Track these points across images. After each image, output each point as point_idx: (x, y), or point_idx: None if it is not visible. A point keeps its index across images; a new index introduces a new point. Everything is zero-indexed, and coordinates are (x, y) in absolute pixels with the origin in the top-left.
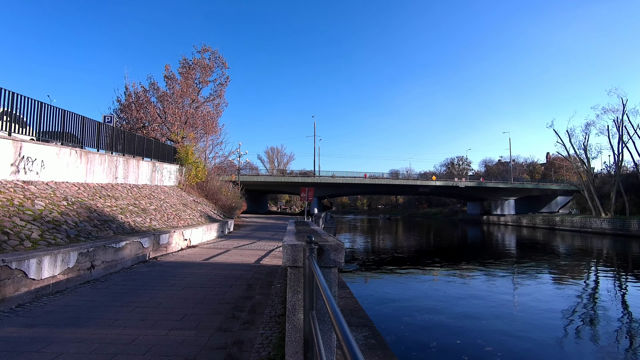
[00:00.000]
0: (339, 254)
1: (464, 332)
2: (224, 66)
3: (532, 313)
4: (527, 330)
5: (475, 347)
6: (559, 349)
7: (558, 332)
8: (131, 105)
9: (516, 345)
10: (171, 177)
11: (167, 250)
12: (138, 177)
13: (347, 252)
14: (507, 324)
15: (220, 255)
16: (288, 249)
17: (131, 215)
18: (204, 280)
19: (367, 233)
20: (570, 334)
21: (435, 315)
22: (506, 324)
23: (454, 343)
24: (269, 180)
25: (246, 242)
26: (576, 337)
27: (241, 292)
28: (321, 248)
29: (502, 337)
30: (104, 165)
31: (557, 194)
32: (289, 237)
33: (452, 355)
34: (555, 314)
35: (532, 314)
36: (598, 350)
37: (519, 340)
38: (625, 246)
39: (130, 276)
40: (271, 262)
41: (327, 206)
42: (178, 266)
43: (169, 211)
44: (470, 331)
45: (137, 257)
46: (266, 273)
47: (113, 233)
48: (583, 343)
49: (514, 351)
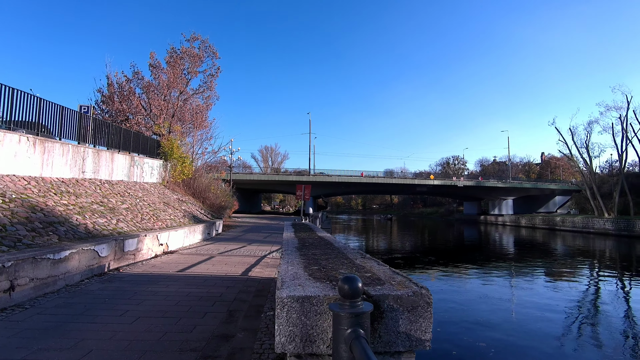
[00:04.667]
0: (419, 320)
1: (467, 334)
2: (215, 56)
3: (548, 324)
4: (533, 336)
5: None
6: (559, 350)
7: (559, 334)
8: (113, 96)
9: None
10: (153, 173)
11: (136, 259)
12: (112, 172)
13: None
14: (508, 329)
15: (200, 265)
16: (292, 311)
17: (93, 215)
18: (170, 304)
19: (362, 233)
20: (574, 337)
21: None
22: (508, 328)
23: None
24: (263, 178)
25: (235, 246)
26: (580, 340)
27: (217, 326)
28: (378, 306)
29: (503, 340)
30: (67, 156)
31: (555, 193)
32: (290, 265)
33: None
34: (559, 315)
35: (549, 325)
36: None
37: (519, 341)
38: (631, 247)
39: (70, 298)
40: (262, 273)
41: (322, 206)
42: (143, 281)
43: (144, 211)
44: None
45: (89, 269)
46: (255, 291)
47: (58, 239)
48: (588, 348)
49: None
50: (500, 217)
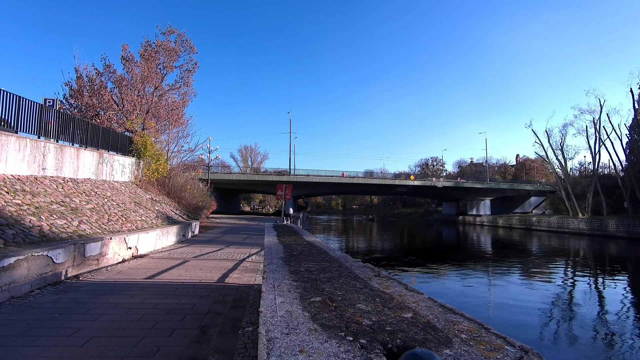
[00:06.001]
0: None
1: None
2: (192, 51)
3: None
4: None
5: None
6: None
7: (536, 328)
8: (83, 90)
9: None
10: (125, 172)
11: (100, 264)
12: (77, 170)
13: None
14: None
15: (172, 270)
16: None
17: (51, 216)
18: (132, 320)
19: (342, 233)
20: (550, 332)
21: None
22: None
23: None
24: (242, 178)
25: (211, 248)
26: (556, 334)
27: (186, 348)
28: None
29: None
30: (24, 151)
31: (530, 194)
32: (279, 295)
33: None
34: (535, 312)
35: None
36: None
37: None
38: (604, 247)
39: (12, 314)
40: (240, 279)
41: (302, 206)
42: (105, 290)
43: (112, 211)
44: None
45: (42, 278)
46: (232, 301)
47: (4, 243)
48: (562, 344)
49: None
50: (478, 217)
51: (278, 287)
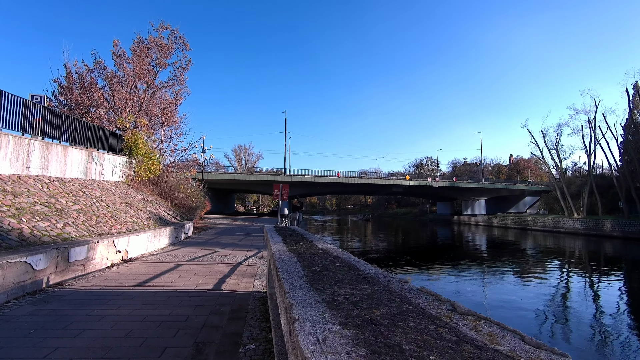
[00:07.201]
0: None
1: None
2: (186, 47)
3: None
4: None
5: None
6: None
7: (531, 330)
8: (72, 87)
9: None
10: (115, 171)
11: (86, 270)
12: (65, 169)
13: None
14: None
15: (164, 275)
16: None
17: (33, 218)
18: (118, 336)
19: (337, 233)
20: (546, 329)
21: None
22: None
23: None
24: (237, 178)
25: (206, 250)
26: (551, 330)
27: None
28: None
29: None
30: (7, 149)
31: (525, 194)
32: (327, 352)
33: None
34: (530, 311)
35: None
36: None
37: None
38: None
39: None
40: (238, 285)
41: (297, 206)
42: (90, 300)
43: (101, 212)
44: None
45: (19, 286)
46: (230, 312)
47: None
48: (558, 343)
49: None
50: (473, 217)
51: (324, 341)
